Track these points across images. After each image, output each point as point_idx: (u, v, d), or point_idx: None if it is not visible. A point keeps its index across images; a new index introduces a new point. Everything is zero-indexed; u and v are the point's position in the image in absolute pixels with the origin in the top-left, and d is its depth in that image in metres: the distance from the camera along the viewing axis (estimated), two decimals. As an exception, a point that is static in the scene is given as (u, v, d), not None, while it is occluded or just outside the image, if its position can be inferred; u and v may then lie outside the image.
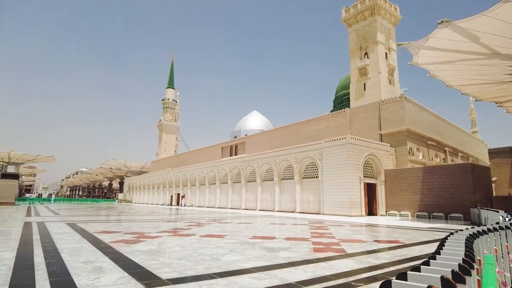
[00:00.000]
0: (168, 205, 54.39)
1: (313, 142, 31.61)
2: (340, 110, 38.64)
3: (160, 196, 60.63)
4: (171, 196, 56.09)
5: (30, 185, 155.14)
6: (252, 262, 6.50)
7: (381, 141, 31.86)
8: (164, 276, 5.26)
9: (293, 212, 30.97)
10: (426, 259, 2.77)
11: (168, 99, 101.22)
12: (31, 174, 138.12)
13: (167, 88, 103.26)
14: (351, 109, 37.49)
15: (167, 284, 4.76)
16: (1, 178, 40.37)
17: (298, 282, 5.00)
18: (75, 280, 4.88)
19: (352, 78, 43.41)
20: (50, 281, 4.75)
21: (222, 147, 55.97)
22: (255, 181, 37.85)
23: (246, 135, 57.31)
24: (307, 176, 31.29)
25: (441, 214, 23.25)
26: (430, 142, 34.58)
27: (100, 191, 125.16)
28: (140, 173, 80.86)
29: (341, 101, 56.08)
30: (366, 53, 42.15)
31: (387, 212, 27.47)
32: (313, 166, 30.71)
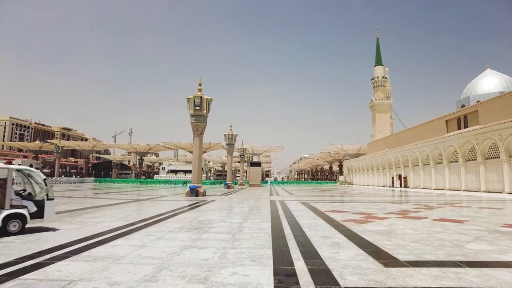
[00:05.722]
0: (389, 186, 52.72)
1: None
2: None
3: (380, 177, 59.60)
4: (392, 178, 54.00)
5: (268, 171, 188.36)
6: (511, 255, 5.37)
7: None
8: (401, 257, 5.17)
9: None
10: None
11: (378, 77, 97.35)
12: (267, 162, 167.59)
13: (375, 66, 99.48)
14: None
15: (406, 266, 4.66)
16: (251, 166, 51.19)
17: None
18: (319, 251, 5.56)
19: None
20: (300, 250, 5.64)
21: (446, 120, 48.53)
22: (498, 157, 30.81)
23: (478, 101, 47.23)
24: None
25: None
26: None
27: (322, 174, 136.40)
28: (357, 155, 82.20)
29: None
30: None
31: None
32: None
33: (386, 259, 5.05)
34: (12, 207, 6.92)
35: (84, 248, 5.62)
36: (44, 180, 7.52)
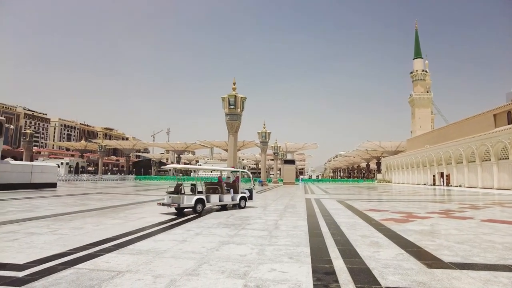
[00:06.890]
0: (430, 185, 50.35)
1: None
2: None
3: (420, 175, 57.09)
4: (433, 176, 51.53)
5: (302, 169, 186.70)
6: None
7: None
8: (445, 258, 4.95)
9: None
10: None
11: (417, 70, 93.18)
12: (301, 160, 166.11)
13: (414, 59, 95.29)
14: None
15: (451, 268, 4.45)
16: (284, 164, 51.07)
17: None
18: (358, 250, 5.46)
19: None
20: (338, 249, 5.56)
21: (494, 114, 45.42)
22: (554, 153, 28.38)
23: (531, 94, 43.74)
24: None
25: None
26: None
27: (359, 172, 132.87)
28: (395, 152, 79.22)
29: None
30: None
31: None
32: None
33: (430, 260, 4.86)
34: (241, 192, 12.33)
35: (128, 242, 5.92)
36: (252, 177, 14.09)
